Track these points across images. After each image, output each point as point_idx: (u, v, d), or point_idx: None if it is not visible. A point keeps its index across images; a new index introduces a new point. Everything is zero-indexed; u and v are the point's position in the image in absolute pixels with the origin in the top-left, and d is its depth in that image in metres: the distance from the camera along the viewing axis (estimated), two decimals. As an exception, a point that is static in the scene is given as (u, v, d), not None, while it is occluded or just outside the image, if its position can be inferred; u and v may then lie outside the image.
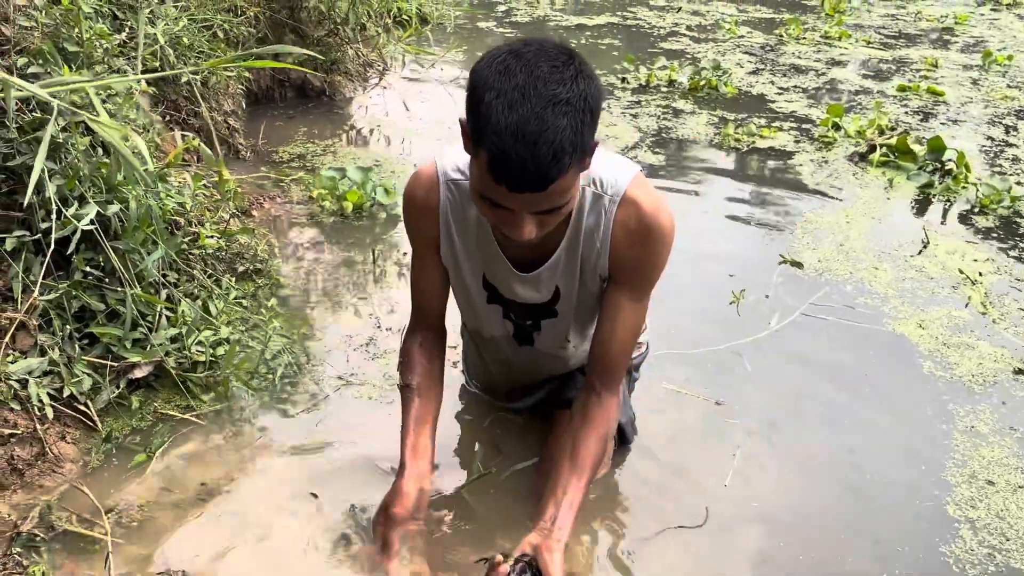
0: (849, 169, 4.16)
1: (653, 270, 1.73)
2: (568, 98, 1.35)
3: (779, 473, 2.21)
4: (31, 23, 2.36)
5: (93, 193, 2.25)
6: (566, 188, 1.44)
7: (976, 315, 2.97)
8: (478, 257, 1.83)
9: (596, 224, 1.69)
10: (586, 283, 1.80)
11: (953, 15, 7.50)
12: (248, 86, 4.20)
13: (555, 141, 1.34)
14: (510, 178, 1.38)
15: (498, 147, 1.35)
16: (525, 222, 1.47)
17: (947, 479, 2.19)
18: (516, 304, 1.89)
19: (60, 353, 2.20)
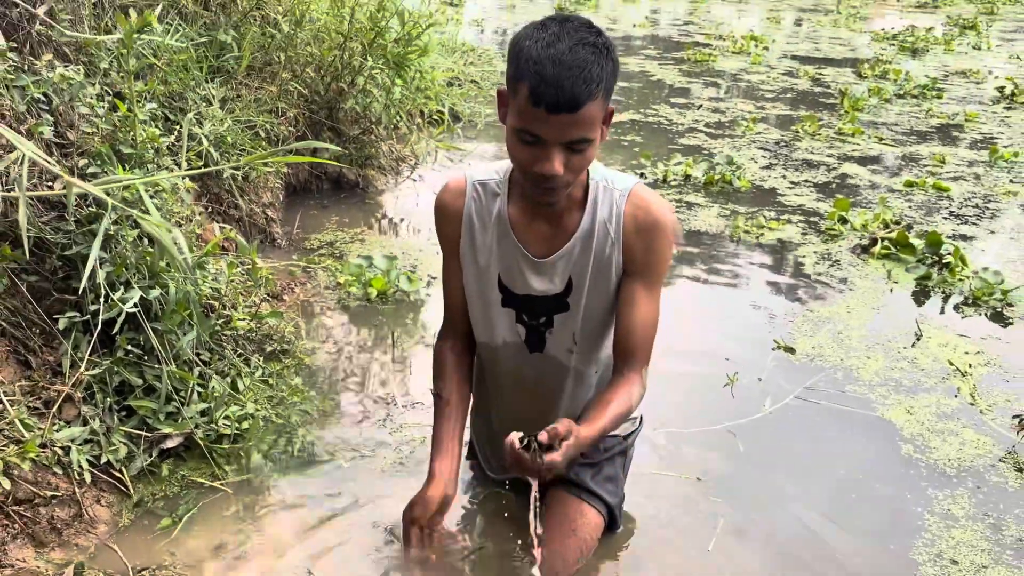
0: (851, 261, 4.31)
1: (661, 260, 1.89)
2: (595, 42, 1.61)
3: (758, 546, 2.33)
4: (92, 129, 2.63)
5: (137, 279, 2.49)
6: (593, 119, 1.63)
7: (965, 405, 3.07)
8: (496, 254, 1.96)
9: (608, 215, 1.87)
10: (598, 275, 1.92)
11: (964, 112, 7.69)
12: (287, 179, 4.48)
13: (585, 68, 1.58)
14: (548, 99, 1.58)
15: (538, 73, 1.58)
16: (555, 155, 1.65)
17: (914, 558, 2.29)
18: (530, 301, 1.98)
19: (100, 423, 2.40)
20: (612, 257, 1.89)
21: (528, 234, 1.93)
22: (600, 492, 2.21)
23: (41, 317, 2.45)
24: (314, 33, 4.56)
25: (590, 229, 1.88)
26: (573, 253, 1.90)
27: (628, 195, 1.88)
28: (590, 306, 1.96)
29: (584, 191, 1.88)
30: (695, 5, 15.01)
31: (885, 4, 16.90)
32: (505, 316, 2.02)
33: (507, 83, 1.69)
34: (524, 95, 1.61)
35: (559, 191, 1.74)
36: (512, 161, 1.75)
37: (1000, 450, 2.81)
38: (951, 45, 11.52)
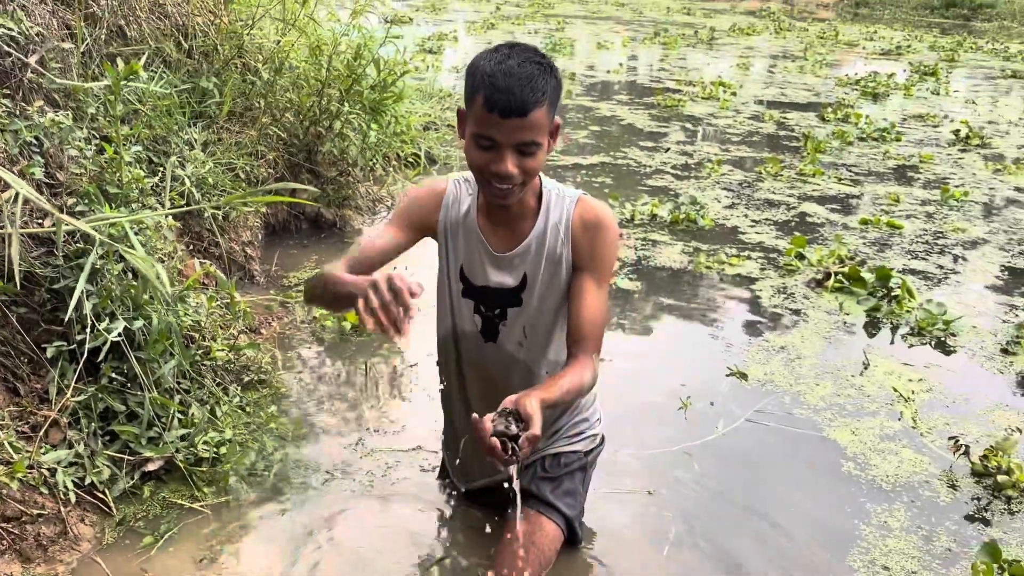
0: (806, 294, 4.49)
1: (607, 255, 2.10)
2: (539, 61, 1.87)
3: (709, 554, 2.47)
4: (81, 170, 2.79)
5: (122, 311, 2.62)
6: (540, 124, 1.87)
7: (907, 428, 3.23)
8: (463, 247, 2.17)
9: (559, 218, 2.10)
10: (550, 273, 2.13)
11: (919, 154, 7.98)
12: (266, 219, 4.64)
13: (532, 79, 1.83)
14: (501, 105, 1.81)
15: (492, 84, 1.82)
16: (508, 156, 1.88)
17: (849, 563, 2.45)
18: (487, 292, 2.18)
19: (85, 447, 2.52)
20: (563, 256, 2.10)
21: (491, 232, 2.14)
22: (559, 505, 2.33)
23: (29, 346, 2.57)
24: (293, 80, 4.74)
25: (543, 231, 2.10)
26: (529, 251, 2.12)
27: (576, 201, 2.11)
28: (541, 302, 2.16)
29: (538, 199, 2.12)
30: (667, 52, 15.38)
31: (851, 51, 17.37)
32: (465, 306, 2.22)
33: (465, 101, 1.93)
34: (480, 104, 1.84)
35: (513, 192, 1.95)
36: (471, 168, 1.96)
37: (936, 468, 2.98)
38: (911, 90, 11.89)
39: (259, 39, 4.59)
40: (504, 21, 18.62)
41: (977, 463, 2.96)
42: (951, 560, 2.51)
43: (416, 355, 3.59)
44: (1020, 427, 3.27)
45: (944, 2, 29.52)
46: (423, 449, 2.93)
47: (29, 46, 2.99)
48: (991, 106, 11.28)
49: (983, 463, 2.95)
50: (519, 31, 17.23)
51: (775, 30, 20.07)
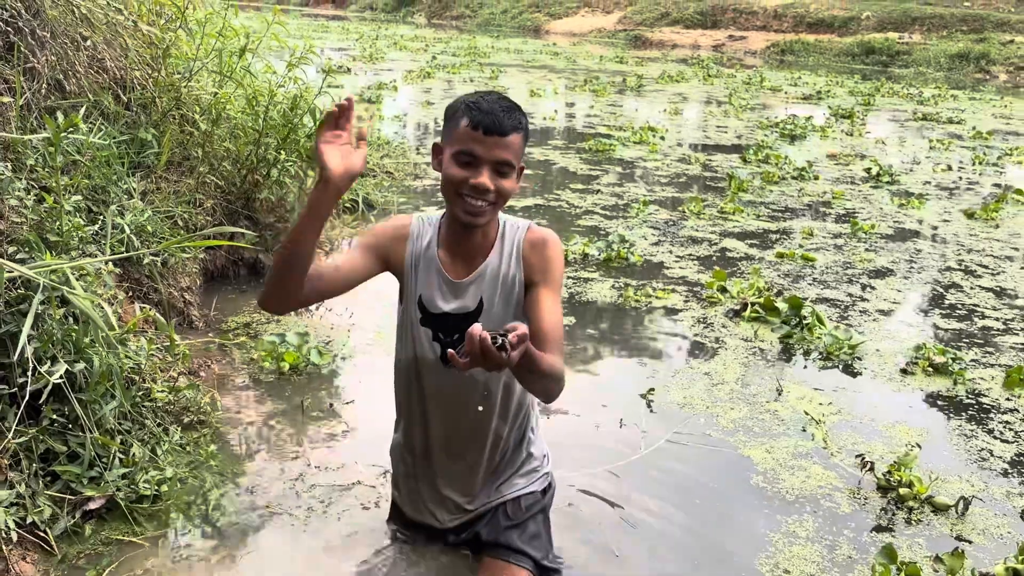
0: (724, 323, 4.70)
1: (555, 267, 2.23)
2: (515, 104, 2.11)
3: (642, 559, 2.61)
4: (21, 219, 2.85)
5: (63, 354, 2.68)
6: (516, 149, 2.09)
7: (820, 449, 3.42)
8: (422, 278, 2.27)
9: (511, 246, 2.25)
10: (504, 297, 2.24)
11: (831, 191, 8.37)
12: (204, 265, 4.69)
13: (512, 109, 2.08)
14: (484, 123, 2.03)
15: (476, 107, 2.05)
16: (486, 170, 2.06)
17: (756, 567, 2.62)
18: (444, 319, 2.26)
19: (26, 487, 2.56)
20: (515, 277, 2.23)
21: (449, 262, 2.27)
22: (527, 549, 2.39)
23: (-30, 391, 2.61)
24: (231, 130, 4.84)
25: (499, 260, 2.25)
26: (484, 276, 2.24)
27: (527, 229, 2.28)
28: (497, 324, 2.22)
29: (496, 233, 2.26)
30: (598, 98, 15.80)
31: (774, 96, 18.03)
32: (424, 334, 2.29)
33: (444, 134, 2.15)
34: (464, 124, 2.05)
35: (485, 211, 2.11)
36: (448, 185, 2.10)
37: (844, 484, 3.17)
38: (827, 132, 12.43)
39: (197, 91, 4.68)
40: (440, 70, 18.91)
41: (881, 478, 3.14)
42: (850, 565, 2.68)
43: (352, 393, 3.67)
44: (918, 443, 3.48)
45: (864, 49, 30.83)
46: (363, 484, 3.00)
47: (-32, 101, 3.06)
48: (899, 146, 11.84)
49: (887, 478, 3.13)
50: (455, 79, 17.54)
51: (703, 77, 20.72)
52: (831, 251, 6.34)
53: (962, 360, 4.26)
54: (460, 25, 43.69)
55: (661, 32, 37.69)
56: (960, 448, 3.51)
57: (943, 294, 5.52)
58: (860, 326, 4.77)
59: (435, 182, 7.95)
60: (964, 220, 7.65)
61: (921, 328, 4.86)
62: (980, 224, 7.53)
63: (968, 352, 4.50)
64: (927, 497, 3.05)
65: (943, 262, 6.24)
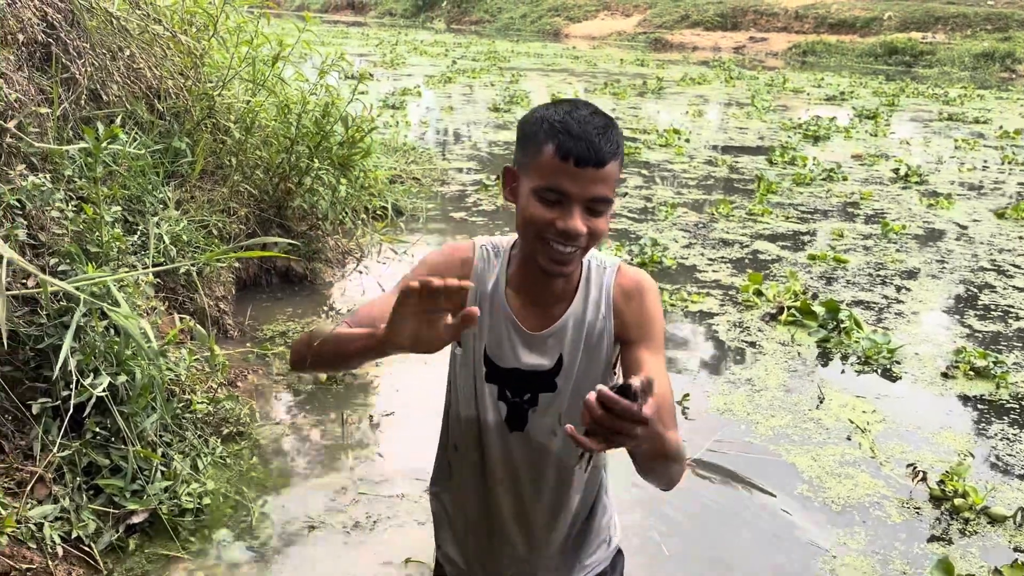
0: (761, 327, 4.63)
1: (655, 320, 1.81)
2: (608, 116, 1.66)
3: (689, 560, 2.55)
4: (62, 230, 2.82)
5: (105, 366, 2.65)
6: (613, 178, 1.64)
7: (868, 458, 3.33)
8: (487, 324, 1.87)
9: (599, 292, 1.82)
10: (589, 355, 1.82)
11: (859, 192, 8.26)
12: (238, 274, 4.67)
13: (608, 128, 1.62)
14: (577, 152, 1.59)
15: (565, 131, 1.60)
16: (577, 213, 1.62)
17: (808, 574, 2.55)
18: (515, 375, 1.86)
19: (70, 501, 2.53)
20: (603, 332, 1.82)
21: (521, 308, 1.85)
22: None
23: (14, 404, 2.58)
24: (263, 138, 4.81)
25: (583, 308, 1.82)
26: (566, 329, 1.82)
27: (616, 271, 1.83)
28: (578, 387, 1.85)
29: (578, 276, 1.83)
30: (618, 101, 15.72)
31: (796, 97, 17.86)
32: (488, 392, 1.89)
33: (522, 158, 1.70)
34: (550, 153, 1.61)
35: (575, 257, 1.69)
36: (529, 227, 1.68)
37: (890, 492, 3.08)
38: (850, 133, 12.28)
39: (229, 99, 4.66)
40: (461, 75, 18.90)
41: (935, 488, 3.06)
42: (908, 577, 2.62)
43: (390, 404, 3.63)
44: (968, 450, 3.39)
45: (887, 50, 30.50)
46: (408, 499, 2.96)
47: (8, 112, 3.04)
48: (924, 146, 11.68)
49: (941, 488, 3.05)
50: (476, 83, 17.51)
51: (725, 79, 20.57)
52: (862, 252, 6.25)
53: (1004, 363, 4.16)
54: (479, 30, 43.69)
55: (681, 34, 37.51)
56: (1008, 454, 3.41)
57: (977, 295, 5.41)
58: (896, 329, 4.68)
59: (462, 187, 7.90)
60: (994, 220, 7.52)
61: (957, 330, 4.76)
62: (1011, 224, 7.40)
63: (1009, 355, 4.39)
64: (983, 507, 2.96)
65: (975, 262, 6.12)
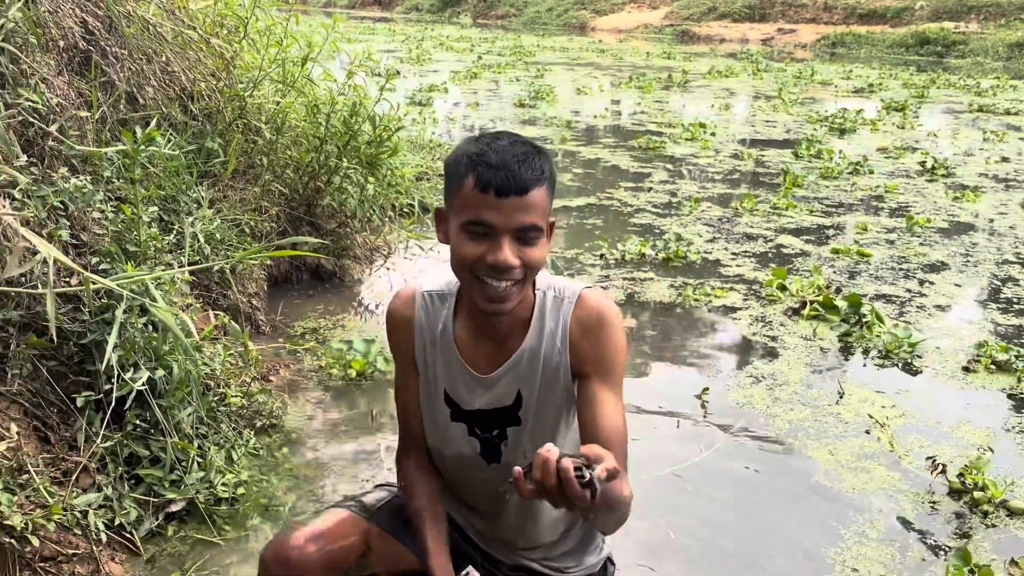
0: (783, 322, 4.67)
1: (615, 355, 1.76)
2: (532, 144, 1.66)
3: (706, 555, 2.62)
4: (103, 231, 2.94)
5: (144, 361, 2.76)
6: (541, 207, 1.62)
7: (886, 452, 3.37)
8: (442, 368, 1.87)
9: (556, 324, 1.78)
10: (547, 387, 1.81)
11: (884, 185, 8.24)
12: (269, 271, 4.79)
13: (528, 157, 1.61)
14: (497, 182, 1.57)
15: (483, 162, 1.58)
16: (506, 243, 1.61)
17: (828, 562, 2.65)
18: (479, 415, 1.87)
19: (113, 490, 2.64)
20: (560, 367, 1.80)
21: (473, 350, 1.85)
22: None
23: (59, 397, 2.70)
24: (293, 138, 4.92)
25: (537, 343, 1.80)
26: (520, 367, 1.82)
27: (576, 301, 1.79)
28: (541, 418, 1.85)
29: (531, 308, 1.81)
30: (644, 95, 15.71)
31: (824, 90, 17.75)
32: (457, 429, 1.90)
33: (447, 197, 1.68)
34: (471, 186, 1.59)
35: (512, 293, 1.67)
36: (459, 265, 1.67)
37: (907, 485, 3.13)
38: (877, 125, 12.21)
39: (260, 100, 4.77)
40: (486, 70, 18.96)
41: (955, 481, 3.09)
42: (922, 568, 2.66)
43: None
44: (988, 444, 3.42)
45: (918, 40, 30.06)
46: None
47: (50, 116, 3.15)
48: (951, 138, 11.60)
49: (960, 481, 3.08)
50: (501, 78, 17.57)
51: (753, 72, 20.46)
52: (886, 246, 6.26)
53: (1026, 357, 4.18)
54: (505, 24, 43.70)
55: (708, 26, 37.27)
56: (1028, 448, 3.45)
57: (1000, 288, 5.41)
58: (918, 322, 4.70)
59: (488, 183, 7.99)
60: (1021, 213, 7.47)
61: (980, 324, 4.76)
62: (1039, 216, 7.37)
63: (1032, 349, 4.40)
64: (1002, 501, 2.99)
65: (999, 255, 6.10)
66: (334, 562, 1.89)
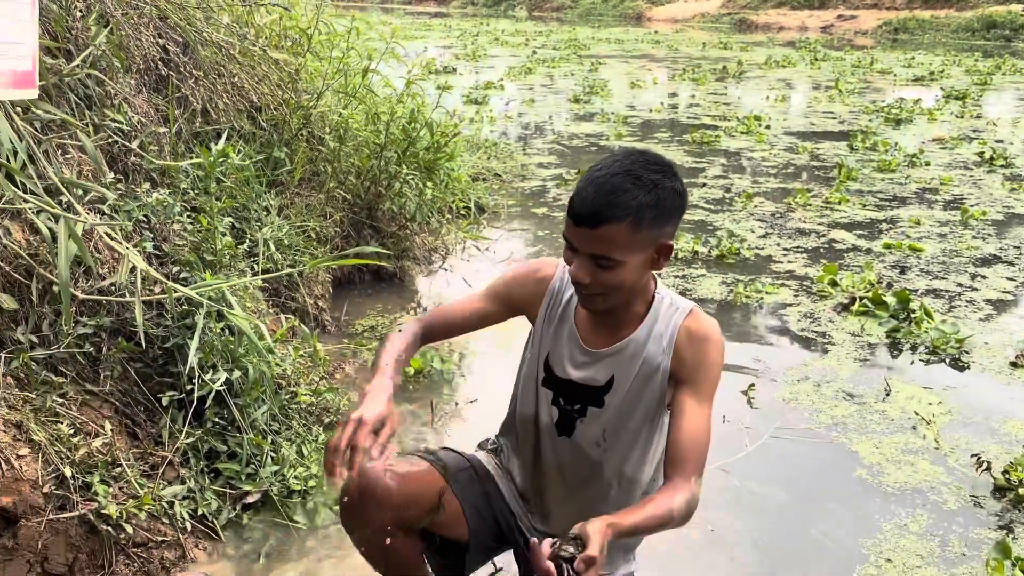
0: (831, 318, 4.72)
1: (710, 371, 1.90)
2: (640, 175, 1.74)
3: (756, 541, 2.74)
4: (183, 241, 3.16)
5: (222, 363, 2.97)
6: (615, 240, 1.73)
7: (932, 448, 3.43)
8: (553, 334, 2.04)
9: (665, 328, 1.92)
10: (641, 381, 1.94)
11: (939, 177, 8.15)
12: (334, 274, 5.00)
13: (615, 193, 1.71)
14: (575, 211, 1.74)
15: (578, 189, 1.75)
16: (581, 262, 1.78)
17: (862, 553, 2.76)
18: (568, 386, 2.01)
19: (195, 483, 2.86)
20: (660, 365, 1.92)
21: (588, 326, 2.00)
22: None
23: (146, 397, 2.93)
24: (355, 146, 5.12)
25: (645, 337, 1.93)
26: (624, 352, 1.95)
27: (687, 314, 1.93)
28: (625, 409, 1.97)
29: (647, 306, 1.95)
30: (698, 87, 15.65)
31: (884, 79, 17.45)
32: (543, 395, 2.05)
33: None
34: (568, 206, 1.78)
35: (594, 300, 1.83)
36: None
37: (950, 479, 3.19)
38: (934, 115, 12.01)
39: (323, 109, 4.97)
40: (541, 65, 19.04)
41: (1000, 478, 3.13)
42: (961, 561, 2.73)
43: (475, 392, 3.88)
44: (1035, 440, 3.46)
45: (984, 24, 29.17)
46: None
47: (131, 133, 3.38)
48: (1012, 127, 11.34)
49: (1005, 477, 3.12)
50: (556, 73, 17.65)
51: (810, 61, 20.17)
52: (939, 240, 6.24)
53: (1075, 352, 4.18)
54: (561, 16, 43.65)
55: (767, 14, 36.77)
56: (1076, 444, 3.47)
57: (1054, 281, 5.37)
58: (967, 318, 4.71)
59: (542, 182, 8.12)
60: (1081, 204, 7.36)
61: (1032, 319, 4.76)
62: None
63: (1083, 344, 4.39)
64: (1047, 497, 3.05)
65: (1055, 248, 6.05)
66: (410, 505, 2.02)
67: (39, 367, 2.62)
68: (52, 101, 2.91)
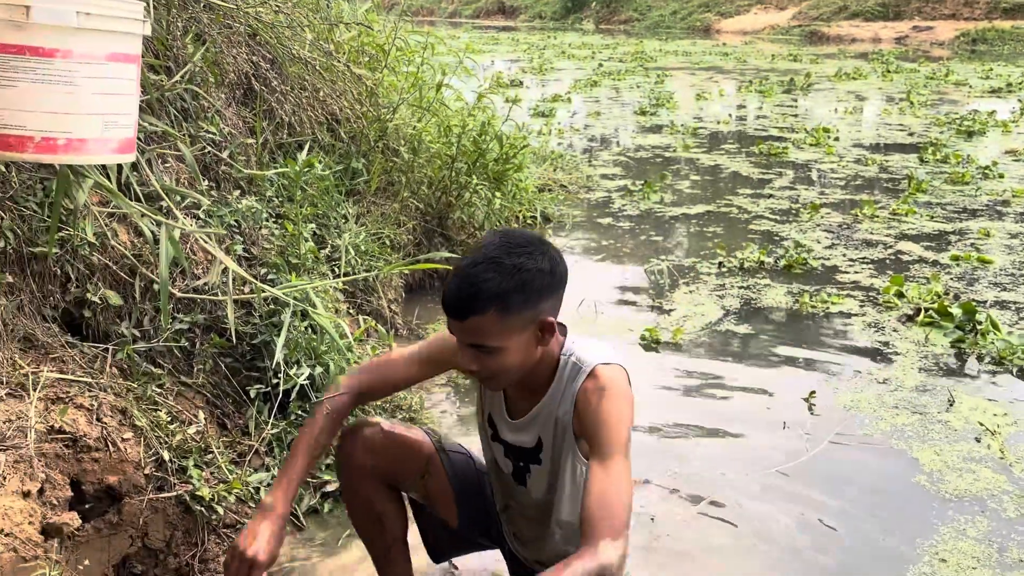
0: (896, 328, 4.72)
1: (611, 428, 1.82)
2: (502, 262, 1.77)
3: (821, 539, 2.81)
4: (270, 245, 3.36)
5: (305, 359, 3.16)
6: (485, 329, 1.77)
7: (995, 458, 3.42)
8: (489, 396, 2.16)
9: (569, 391, 1.93)
10: (559, 440, 1.99)
11: (1011, 189, 8.00)
12: (406, 279, 5.18)
13: (476, 285, 1.74)
14: (445, 304, 1.80)
15: (448, 286, 1.80)
16: (464, 351, 1.85)
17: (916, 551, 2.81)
18: (509, 446, 2.11)
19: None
20: (568, 429, 1.95)
21: (513, 395, 2.07)
22: None
23: (235, 389, 3.13)
24: (427, 157, 5.31)
25: (555, 401, 1.96)
26: (539, 418, 2.01)
27: (589, 373, 1.90)
28: (556, 465, 2.02)
29: (553, 371, 1.96)
30: (765, 99, 15.55)
31: (958, 91, 17.08)
32: (497, 448, 2.17)
33: None
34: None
35: (488, 382, 1.92)
36: None
37: (1012, 487, 3.19)
38: (1008, 127, 11.73)
39: (398, 123, 5.17)
40: (606, 77, 19.10)
41: (1067, 490, 3.13)
42: (1018, 567, 2.75)
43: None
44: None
45: (1071, 30, 28.16)
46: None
47: (222, 143, 3.61)
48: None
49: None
50: (621, 85, 17.70)
51: (882, 73, 19.80)
52: (1008, 252, 6.14)
53: None
54: (628, 29, 43.61)
55: (839, 26, 36.08)
56: None
57: None
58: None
59: (607, 193, 8.22)
60: None
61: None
62: None
63: None
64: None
65: None
66: (397, 459, 2.20)
67: (140, 359, 2.83)
68: (154, 114, 3.14)
